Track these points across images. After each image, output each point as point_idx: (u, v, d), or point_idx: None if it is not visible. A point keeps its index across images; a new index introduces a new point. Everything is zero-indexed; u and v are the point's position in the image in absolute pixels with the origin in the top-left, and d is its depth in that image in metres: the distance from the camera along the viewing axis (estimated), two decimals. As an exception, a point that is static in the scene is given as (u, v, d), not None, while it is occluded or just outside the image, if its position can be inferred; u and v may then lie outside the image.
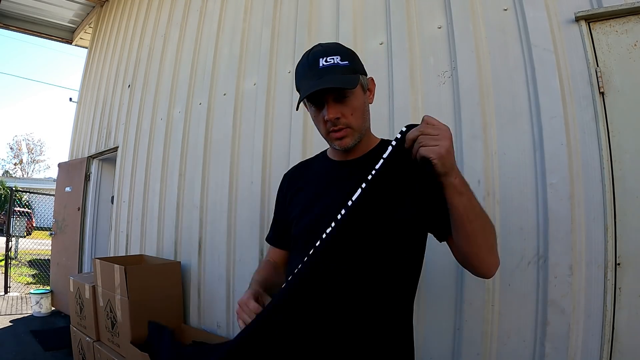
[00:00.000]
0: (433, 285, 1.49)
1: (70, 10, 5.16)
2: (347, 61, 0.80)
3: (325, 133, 0.85)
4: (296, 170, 1.05)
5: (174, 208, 2.77)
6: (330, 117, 0.80)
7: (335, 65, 0.79)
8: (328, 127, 0.82)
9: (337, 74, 0.78)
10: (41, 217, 10.69)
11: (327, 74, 0.78)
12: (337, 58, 0.79)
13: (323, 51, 0.81)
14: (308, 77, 0.80)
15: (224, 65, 2.61)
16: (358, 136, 0.84)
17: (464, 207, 0.70)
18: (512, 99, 1.42)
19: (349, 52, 0.84)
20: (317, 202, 0.88)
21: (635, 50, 1.24)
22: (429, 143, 0.65)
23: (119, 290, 2.21)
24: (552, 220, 1.28)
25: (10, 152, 29.23)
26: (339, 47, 0.83)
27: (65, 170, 4.67)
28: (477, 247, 0.76)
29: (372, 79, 0.89)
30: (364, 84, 0.84)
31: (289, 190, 1.00)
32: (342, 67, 0.79)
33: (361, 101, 0.83)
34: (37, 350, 3.10)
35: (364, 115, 0.85)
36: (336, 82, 0.77)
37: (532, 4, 1.41)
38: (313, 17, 2.13)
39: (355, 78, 0.80)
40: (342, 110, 0.80)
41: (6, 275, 5.37)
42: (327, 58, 0.79)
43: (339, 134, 0.82)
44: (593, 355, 1.19)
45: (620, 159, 1.22)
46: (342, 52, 0.82)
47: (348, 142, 0.83)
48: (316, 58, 0.80)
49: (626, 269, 1.18)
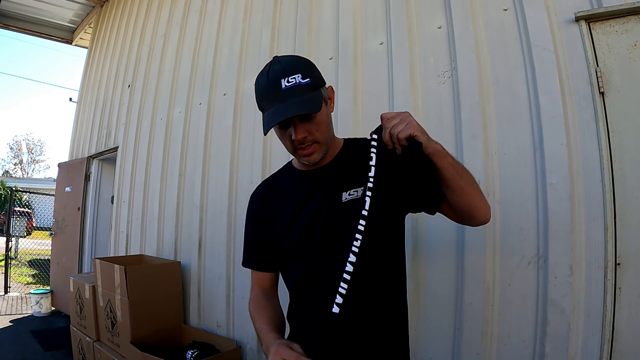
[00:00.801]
0: (433, 286, 1.49)
1: (70, 10, 5.16)
2: (308, 78, 0.80)
3: (292, 150, 0.86)
4: (265, 189, 1.01)
5: (174, 208, 2.78)
6: (299, 137, 0.81)
7: (297, 85, 0.78)
8: (295, 145, 0.84)
9: (300, 94, 0.78)
10: (41, 217, 10.70)
11: (290, 96, 0.77)
12: (298, 77, 0.79)
13: (282, 70, 0.79)
14: (271, 99, 0.79)
15: (224, 65, 2.61)
16: (325, 149, 0.86)
17: (451, 166, 0.80)
18: (512, 99, 1.42)
19: (307, 66, 0.83)
20: (301, 213, 0.89)
21: (635, 50, 1.24)
22: (401, 127, 0.75)
23: (119, 290, 2.21)
24: (552, 220, 1.28)
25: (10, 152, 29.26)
26: (297, 64, 0.82)
27: (65, 170, 4.67)
28: (472, 197, 0.84)
29: (332, 87, 0.90)
30: (325, 97, 0.85)
31: (265, 210, 0.96)
32: (305, 86, 0.78)
33: (324, 114, 0.84)
34: (37, 350, 3.10)
35: (329, 127, 0.87)
36: (301, 107, 0.77)
37: (532, 4, 1.41)
38: (313, 17, 2.13)
39: (318, 97, 0.80)
40: (308, 129, 0.81)
41: (6, 275, 5.37)
42: (289, 78, 0.78)
43: (307, 151, 0.84)
44: (593, 355, 1.19)
45: (620, 159, 1.22)
46: (302, 68, 0.81)
47: (316, 157, 0.85)
48: (277, 79, 0.79)
49: (626, 269, 1.18)
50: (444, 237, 1.48)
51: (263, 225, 0.96)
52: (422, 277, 1.52)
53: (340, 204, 0.85)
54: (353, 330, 0.80)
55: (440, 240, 1.49)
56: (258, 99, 0.85)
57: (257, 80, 0.85)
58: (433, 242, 1.52)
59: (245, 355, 2.12)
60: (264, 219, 0.96)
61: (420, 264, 1.52)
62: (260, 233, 0.97)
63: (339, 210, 0.84)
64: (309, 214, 0.87)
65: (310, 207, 0.87)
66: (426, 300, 1.50)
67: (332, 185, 0.87)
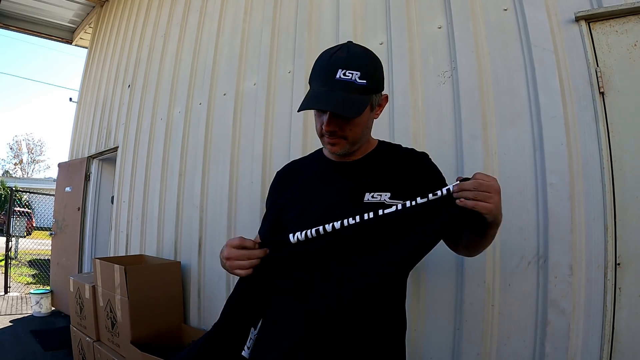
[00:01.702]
0: (433, 286, 1.49)
1: (70, 10, 5.16)
2: (365, 80, 0.77)
3: (319, 134, 0.86)
4: (290, 168, 1.03)
5: (174, 208, 2.77)
6: (327, 129, 0.81)
7: (351, 82, 0.76)
8: (323, 132, 0.84)
9: (348, 92, 0.76)
10: (41, 217, 10.70)
11: (338, 89, 0.76)
12: (356, 74, 0.76)
13: (346, 61, 0.77)
14: (321, 81, 0.78)
15: (224, 65, 2.61)
16: (349, 147, 0.85)
17: (492, 236, 0.82)
18: (512, 99, 1.42)
19: (371, 67, 0.80)
20: (315, 201, 0.88)
21: (635, 50, 1.24)
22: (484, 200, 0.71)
23: (119, 290, 2.21)
24: (552, 220, 1.28)
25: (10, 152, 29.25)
26: (363, 60, 0.79)
27: (65, 170, 4.67)
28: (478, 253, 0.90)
29: (387, 96, 0.88)
30: (374, 103, 0.83)
31: (284, 189, 0.97)
32: (357, 87, 0.76)
33: (364, 119, 0.83)
34: (37, 350, 3.10)
35: (364, 131, 0.86)
36: (340, 107, 0.75)
37: (532, 4, 1.41)
38: (313, 17, 2.13)
39: (363, 103, 0.78)
40: (340, 125, 0.81)
41: (6, 275, 5.37)
42: (347, 72, 0.76)
43: (331, 141, 0.84)
44: (593, 355, 1.19)
45: (620, 159, 1.22)
46: (365, 67, 0.78)
47: (338, 149, 0.85)
48: (336, 66, 0.77)
49: (626, 269, 1.18)
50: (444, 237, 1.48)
51: (277, 207, 0.95)
52: (422, 277, 1.52)
53: (361, 203, 0.82)
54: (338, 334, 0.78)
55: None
56: (312, 73, 0.83)
57: (321, 55, 0.83)
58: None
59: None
60: (277, 202, 0.96)
61: (420, 263, 1.52)
62: (273, 212, 0.97)
63: (359, 210, 0.78)
64: (324, 206, 0.85)
65: (327, 200, 0.86)
66: (426, 300, 1.50)
67: (356, 183, 0.85)
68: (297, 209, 0.89)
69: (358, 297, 0.75)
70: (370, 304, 0.80)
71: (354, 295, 0.75)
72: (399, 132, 1.65)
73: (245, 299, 0.84)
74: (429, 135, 1.59)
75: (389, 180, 0.84)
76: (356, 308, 0.77)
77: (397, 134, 1.66)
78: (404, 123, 1.65)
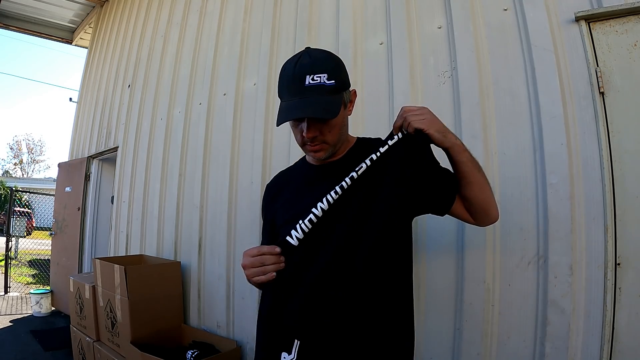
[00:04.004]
0: (433, 286, 1.49)
1: (70, 10, 5.16)
2: (333, 80, 0.79)
3: (301, 144, 0.88)
4: (277, 179, 1.06)
5: (174, 208, 2.77)
6: (309, 136, 0.82)
7: (321, 85, 0.78)
8: (305, 141, 0.85)
9: (321, 94, 0.78)
10: (41, 217, 10.69)
11: (311, 94, 0.77)
12: (323, 77, 0.78)
13: (310, 66, 0.79)
14: (292, 91, 0.79)
15: (224, 65, 2.61)
16: (332, 149, 0.88)
17: (470, 161, 0.83)
18: (512, 99, 1.42)
19: (336, 66, 0.83)
20: (299, 201, 0.91)
21: (635, 50, 1.23)
22: (414, 119, 0.78)
23: (119, 290, 2.21)
24: (552, 220, 1.28)
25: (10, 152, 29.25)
26: (327, 62, 0.82)
27: (65, 170, 4.67)
28: (489, 192, 0.88)
29: (355, 91, 0.92)
30: (346, 100, 0.86)
31: (274, 200, 1.00)
32: (328, 88, 0.78)
33: (340, 118, 0.85)
34: (37, 350, 3.10)
35: (342, 130, 0.88)
36: (317, 111, 0.77)
37: (532, 4, 1.41)
38: (313, 17, 2.13)
39: (337, 102, 0.81)
40: (320, 129, 0.83)
41: (6, 275, 5.36)
42: (314, 76, 0.78)
43: (314, 148, 0.86)
44: (593, 355, 1.19)
45: (620, 159, 1.22)
46: (330, 68, 0.80)
47: (322, 155, 0.87)
48: (303, 73, 0.78)
49: (626, 269, 1.18)
50: (444, 237, 1.48)
51: (269, 219, 1.00)
52: (422, 277, 1.52)
53: None
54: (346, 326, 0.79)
55: (440, 240, 1.50)
56: (280, 85, 0.85)
57: (284, 67, 0.84)
58: (433, 242, 1.52)
59: (245, 355, 2.12)
60: (271, 212, 1.00)
61: (420, 264, 1.52)
62: (269, 223, 1.01)
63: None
64: (303, 204, 0.87)
65: (307, 200, 0.87)
66: (426, 300, 1.50)
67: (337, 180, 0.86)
68: (289, 216, 0.92)
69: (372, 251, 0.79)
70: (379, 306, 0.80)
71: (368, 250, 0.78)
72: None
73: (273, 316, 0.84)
74: (429, 135, 1.59)
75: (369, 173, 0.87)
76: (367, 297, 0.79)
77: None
78: (404, 123, 1.65)
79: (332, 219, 0.80)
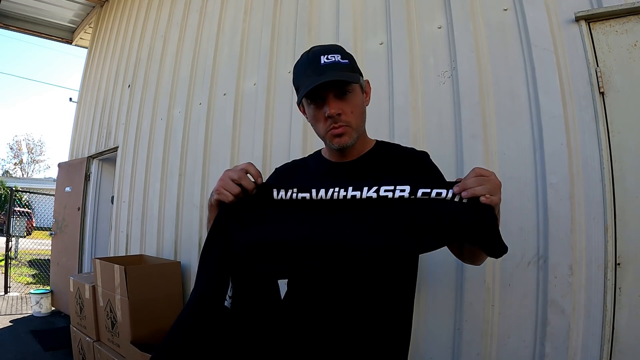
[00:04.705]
0: (433, 285, 1.49)
1: (70, 10, 5.16)
2: (347, 60, 0.82)
3: (324, 131, 0.84)
4: (289, 168, 1.01)
5: (174, 208, 2.77)
6: (332, 112, 0.80)
7: (337, 62, 0.80)
8: (328, 125, 0.82)
9: (338, 69, 0.79)
10: (41, 217, 10.69)
11: (329, 70, 0.79)
12: (337, 56, 0.81)
13: (323, 50, 0.82)
14: (308, 74, 0.80)
15: (224, 65, 2.61)
16: (355, 135, 0.85)
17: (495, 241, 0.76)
18: (512, 99, 1.42)
19: (348, 53, 0.85)
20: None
21: (635, 50, 1.24)
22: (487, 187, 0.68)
23: (119, 290, 2.21)
24: (552, 220, 1.28)
25: (10, 152, 29.25)
26: (338, 47, 0.85)
27: (65, 170, 4.67)
28: (485, 259, 0.85)
29: (368, 82, 0.91)
30: (362, 85, 0.86)
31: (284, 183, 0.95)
32: (343, 65, 0.80)
33: (360, 100, 0.85)
34: (37, 350, 3.10)
35: (362, 115, 0.87)
36: (340, 75, 0.78)
37: (532, 4, 1.41)
38: (313, 17, 2.13)
39: (355, 75, 0.82)
40: (343, 107, 0.81)
41: (6, 275, 5.36)
42: (328, 56, 0.80)
43: (338, 130, 0.82)
44: (593, 355, 1.19)
45: (620, 159, 1.22)
46: (342, 52, 0.83)
47: (346, 140, 0.83)
48: (317, 56, 0.81)
49: (626, 269, 1.18)
50: (444, 237, 1.48)
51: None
52: (422, 277, 1.52)
53: None
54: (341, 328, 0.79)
55: (440, 240, 1.49)
56: (295, 77, 0.86)
57: (296, 63, 0.86)
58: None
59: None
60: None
61: (420, 263, 1.52)
62: None
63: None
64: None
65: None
66: (426, 300, 1.50)
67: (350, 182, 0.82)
68: None
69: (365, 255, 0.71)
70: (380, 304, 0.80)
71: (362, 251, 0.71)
72: (399, 132, 1.65)
73: (222, 243, 0.77)
74: (429, 135, 1.59)
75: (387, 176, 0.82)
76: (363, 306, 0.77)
77: (397, 134, 1.66)
78: (404, 123, 1.65)
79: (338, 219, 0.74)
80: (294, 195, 0.75)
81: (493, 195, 0.68)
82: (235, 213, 0.76)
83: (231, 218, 0.76)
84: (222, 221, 0.76)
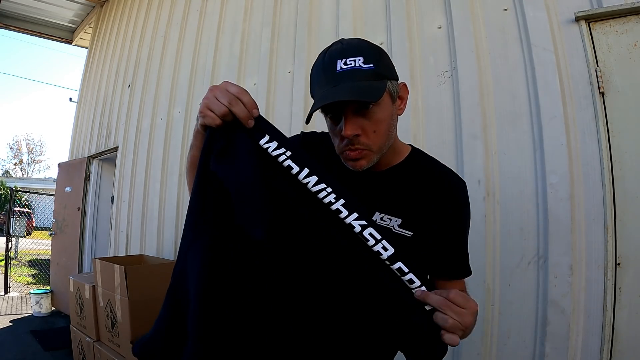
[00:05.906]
0: (433, 285, 1.49)
1: (70, 10, 5.16)
2: (372, 64, 0.65)
3: (339, 150, 0.71)
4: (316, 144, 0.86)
5: (174, 208, 2.77)
6: (348, 134, 0.65)
7: (356, 69, 0.64)
8: (345, 144, 0.68)
9: (357, 80, 0.63)
10: (41, 217, 10.69)
11: (345, 80, 0.63)
12: (359, 60, 0.64)
13: (342, 50, 0.66)
14: (322, 82, 0.66)
15: (224, 65, 2.61)
16: (376, 158, 0.70)
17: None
18: (512, 99, 1.42)
19: (375, 52, 0.67)
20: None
21: (635, 50, 1.24)
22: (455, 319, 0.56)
23: (119, 290, 2.21)
24: (552, 220, 1.28)
25: (10, 152, 29.24)
26: (362, 45, 0.67)
27: (65, 170, 4.67)
28: None
29: (405, 85, 0.73)
30: (392, 92, 0.68)
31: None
32: (365, 72, 0.64)
33: (388, 113, 0.68)
34: (37, 350, 3.10)
35: (389, 132, 0.70)
36: (354, 93, 0.62)
37: (532, 4, 1.41)
38: (313, 17, 2.13)
39: (380, 86, 0.64)
40: (362, 125, 0.66)
41: (6, 275, 5.36)
42: (347, 60, 0.64)
43: (354, 154, 0.68)
44: (593, 355, 1.19)
45: (620, 159, 1.22)
46: (366, 51, 0.66)
47: (363, 164, 0.69)
48: (333, 59, 0.65)
49: (626, 269, 1.18)
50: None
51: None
52: (422, 277, 1.52)
53: None
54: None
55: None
56: (311, 81, 0.71)
57: (317, 58, 0.71)
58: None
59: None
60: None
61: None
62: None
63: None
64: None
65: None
66: (426, 300, 1.50)
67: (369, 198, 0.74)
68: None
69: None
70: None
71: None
72: (399, 132, 1.64)
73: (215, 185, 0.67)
74: (429, 135, 1.59)
75: (407, 203, 0.73)
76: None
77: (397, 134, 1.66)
78: (404, 123, 1.65)
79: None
80: (280, 158, 0.64)
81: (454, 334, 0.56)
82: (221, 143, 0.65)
83: (216, 148, 0.66)
84: (206, 150, 0.66)
